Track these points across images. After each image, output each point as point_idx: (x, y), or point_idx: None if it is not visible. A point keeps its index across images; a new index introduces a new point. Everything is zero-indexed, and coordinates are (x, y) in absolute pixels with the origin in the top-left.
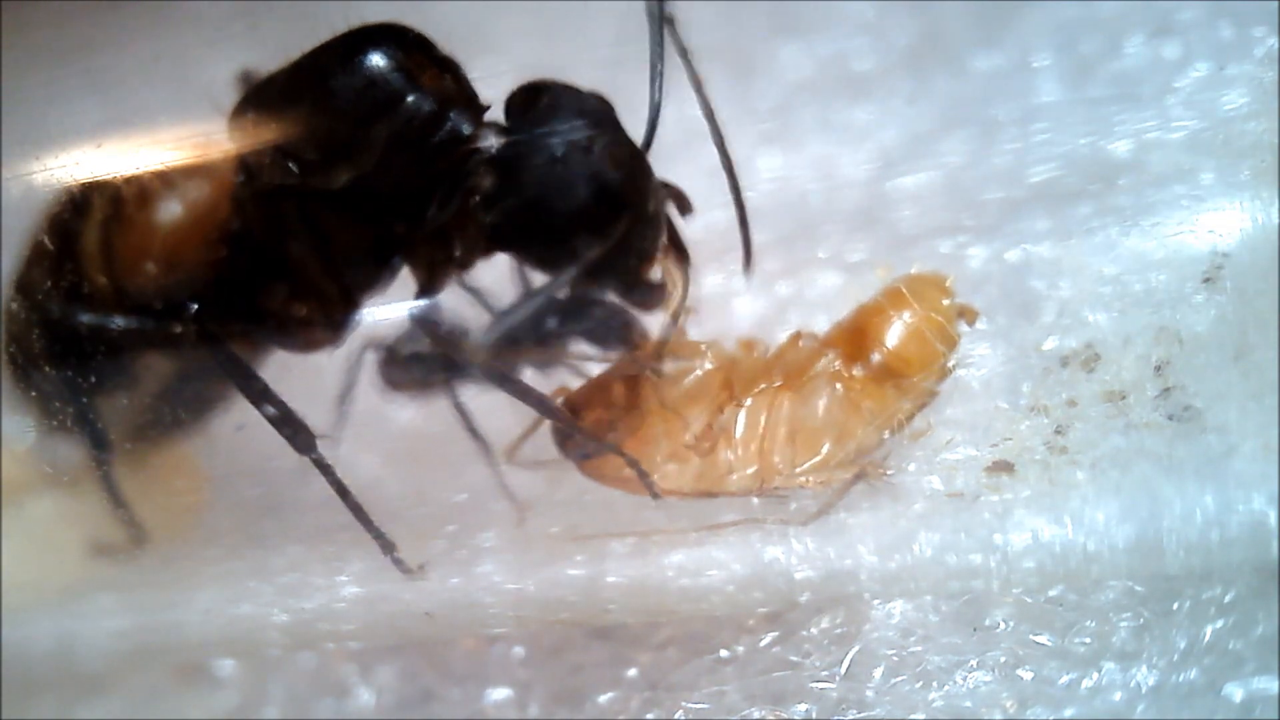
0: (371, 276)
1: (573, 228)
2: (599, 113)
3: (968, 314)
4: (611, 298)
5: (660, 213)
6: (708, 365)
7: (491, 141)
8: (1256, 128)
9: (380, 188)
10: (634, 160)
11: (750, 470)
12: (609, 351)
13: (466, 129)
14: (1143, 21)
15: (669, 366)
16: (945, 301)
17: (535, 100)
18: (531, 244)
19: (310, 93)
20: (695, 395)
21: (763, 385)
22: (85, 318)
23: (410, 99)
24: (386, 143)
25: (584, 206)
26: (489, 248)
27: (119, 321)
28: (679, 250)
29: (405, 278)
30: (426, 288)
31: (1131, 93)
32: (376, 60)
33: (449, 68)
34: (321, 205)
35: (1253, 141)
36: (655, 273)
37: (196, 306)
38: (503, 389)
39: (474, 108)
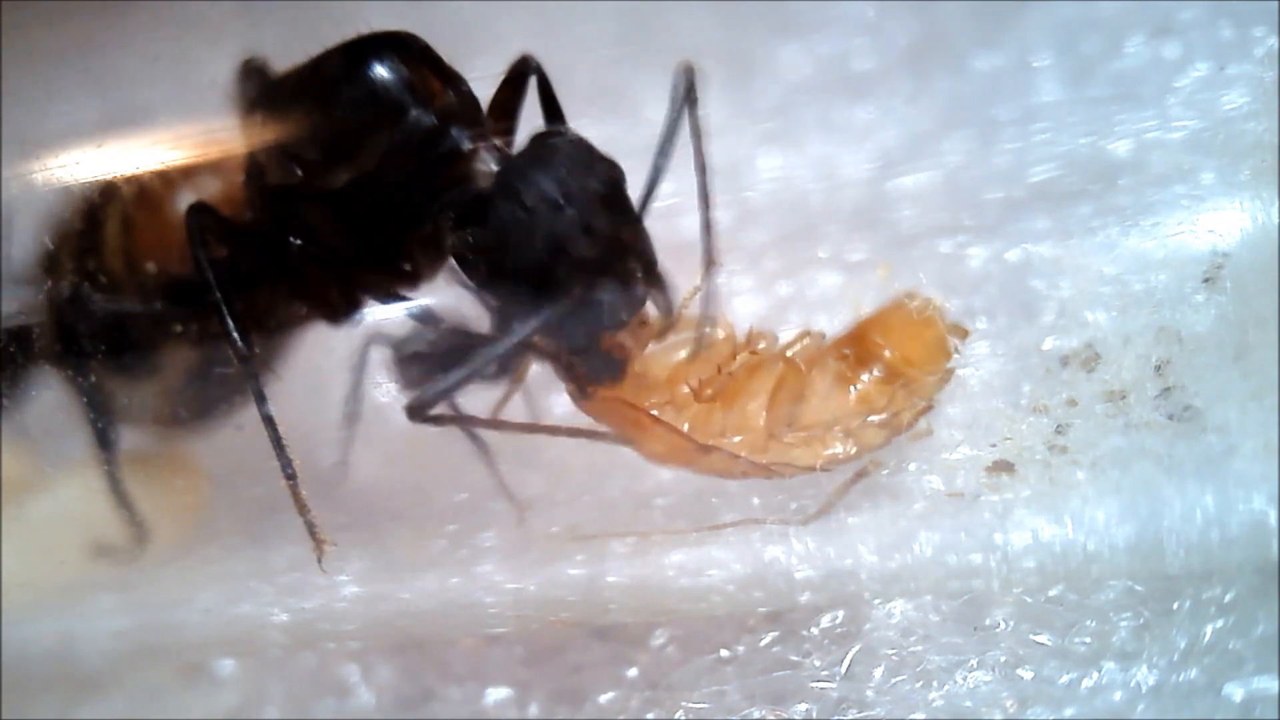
0: (370, 276)
1: (529, 270)
2: (602, 175)
3: (959, 332)
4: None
5: (630, 286)
6: (719, 334)
7: (489, 163)
8: (1256, 128)
9: (379, 192)
10: (615, 226)
11: (740, 438)
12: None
13: (466, 145)
14: (1143, 21)
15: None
16: (933, 331)
17: (546, 141)
18: (489, 279)
19: (316, 98)
20: (705, 359)
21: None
22: (112, 304)
23: (412, 113)
24: (386, 151)
25: (546, 252)
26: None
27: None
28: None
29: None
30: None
31: (1131, 93)
32: (381, 72)
33: (453, 81)
34: (322, 205)
35: (1253, 141)
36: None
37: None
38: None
39: (476, 122)
